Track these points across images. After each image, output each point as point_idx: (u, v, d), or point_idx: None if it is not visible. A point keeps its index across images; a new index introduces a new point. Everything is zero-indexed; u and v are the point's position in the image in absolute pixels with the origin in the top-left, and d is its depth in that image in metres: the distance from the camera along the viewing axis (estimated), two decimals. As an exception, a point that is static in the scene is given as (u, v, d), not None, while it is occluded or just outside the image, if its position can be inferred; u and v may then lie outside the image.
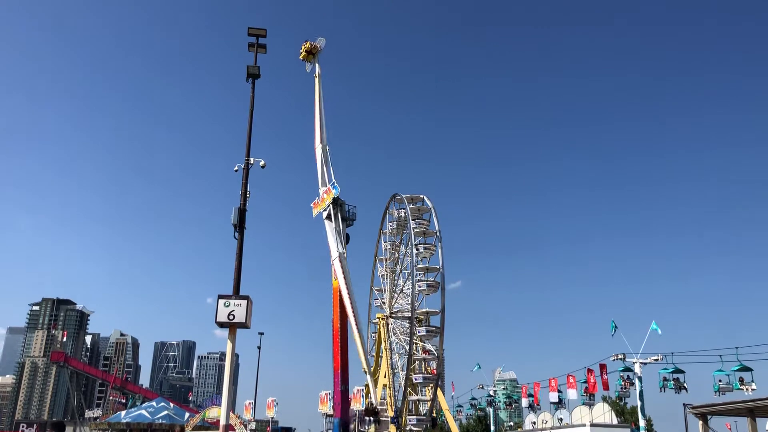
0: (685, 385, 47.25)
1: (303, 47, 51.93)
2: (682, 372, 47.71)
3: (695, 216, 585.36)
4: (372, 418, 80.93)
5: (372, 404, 78.75)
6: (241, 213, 25.31)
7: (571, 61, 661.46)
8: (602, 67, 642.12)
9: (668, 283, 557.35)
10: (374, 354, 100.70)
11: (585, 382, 58.10)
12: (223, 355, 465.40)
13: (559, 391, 64.69)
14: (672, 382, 47.25)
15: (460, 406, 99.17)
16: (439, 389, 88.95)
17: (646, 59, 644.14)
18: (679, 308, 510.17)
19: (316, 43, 52.26)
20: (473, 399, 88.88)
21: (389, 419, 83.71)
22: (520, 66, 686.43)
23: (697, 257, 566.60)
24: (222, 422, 21.88)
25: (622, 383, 49.83)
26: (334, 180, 54.54)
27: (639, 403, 51.07)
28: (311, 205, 55.93)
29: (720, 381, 47.72)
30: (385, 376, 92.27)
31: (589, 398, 64.24)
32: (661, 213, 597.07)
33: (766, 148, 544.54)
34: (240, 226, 25.14)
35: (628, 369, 50.01)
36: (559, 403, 65.98)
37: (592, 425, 59.68)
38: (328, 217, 57.79)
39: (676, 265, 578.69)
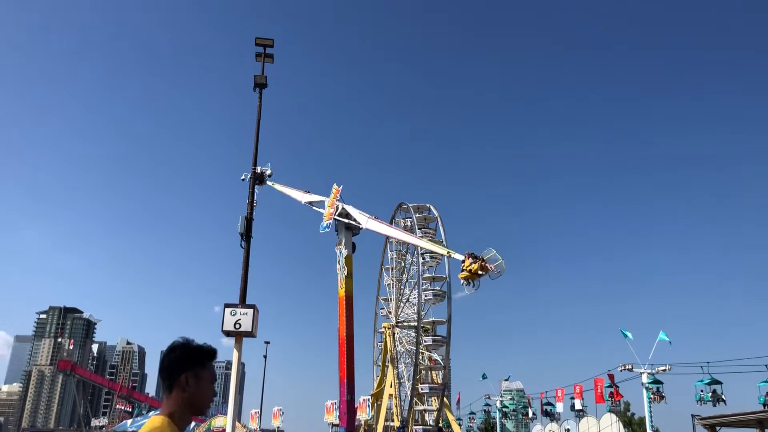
0: (723, 396, 46.50)
1: (464, 268, 32.15)
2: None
3: (698, 229, 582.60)
4: None
5: None
6: (248, 222, 25.36)
7: (576, 70, 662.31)
8: (608, 72, 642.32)
9: (675, 293, 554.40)
10: (380, 364, 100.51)
11: (608, 388, 57.58)
12: (229, 364, 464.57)
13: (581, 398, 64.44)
14: (709, 394, 46.78)
15: (473, 413, 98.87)
16: (445, 399, 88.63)
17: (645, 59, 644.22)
18: (682, 319, 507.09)
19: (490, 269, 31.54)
20: (487, 405, 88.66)
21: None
22: (526, 72, 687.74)
23: (697, 271, 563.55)
24: (228, 431, 21.87)
25: (652, 396, 49.55)
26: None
27: (647, 414, 50.72)
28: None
29: (702, 391, 47.99)
30: (391, 386, 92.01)
31: (581, 410, 64.11)
32: (668, 224, 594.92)
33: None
34: (247, 234, 25.18)
35: (657, 381, 49.75)
36: (582, 411, 65.57)
37: (600, 436, 59.31)
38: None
39: (682, 277, 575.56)
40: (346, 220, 50.76)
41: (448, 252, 40.00)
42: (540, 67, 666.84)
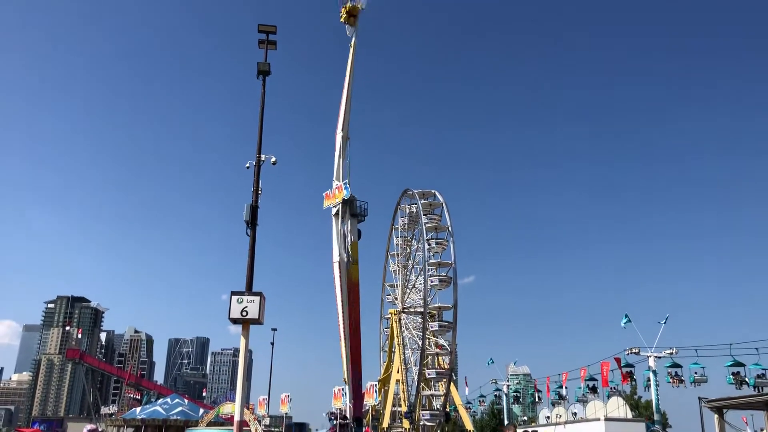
0: (746, 379, 46.25)
1: (343, 9, 51.26)
2: (742, 365, 46.88)
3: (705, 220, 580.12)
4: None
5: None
6: (253, 209, 25.18)
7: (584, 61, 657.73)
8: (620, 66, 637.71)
9: (681, 280, 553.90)
10: (387, 349, 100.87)
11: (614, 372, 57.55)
12: (236, 351, 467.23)
13: (593, 379, 64.32)
14: (732, 377, 46.70)
15: (482, 395, 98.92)
16: (452, 384, 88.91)
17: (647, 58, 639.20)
18: (692, 306, 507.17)
19: (356, 3, 50.71)
20: (497, 390, 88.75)
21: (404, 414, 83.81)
22: (528, 61, 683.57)
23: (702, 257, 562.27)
24: (236, 418, 21.91)
25: (670, 380, 49.58)
26: (347, 180, 54.35)
27: (654, 398, 50.75)
28: (323, 195, 55.98)
29: (696, 373, 48.16)
30: (398, 372, 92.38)
31: (586, 392, 64.03)
32: (676, 213, 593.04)
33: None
34: (252, 222, 25.04)
35: (676, 365, 49.80)
36: (594, 392, 65.38)
37: (607, 419, 59.25)
38: (336, 214, 57.83)
39: (687, 264, 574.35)
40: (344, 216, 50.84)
41: None
42: (542, 55, 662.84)
